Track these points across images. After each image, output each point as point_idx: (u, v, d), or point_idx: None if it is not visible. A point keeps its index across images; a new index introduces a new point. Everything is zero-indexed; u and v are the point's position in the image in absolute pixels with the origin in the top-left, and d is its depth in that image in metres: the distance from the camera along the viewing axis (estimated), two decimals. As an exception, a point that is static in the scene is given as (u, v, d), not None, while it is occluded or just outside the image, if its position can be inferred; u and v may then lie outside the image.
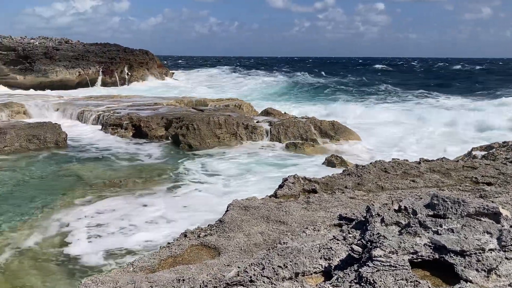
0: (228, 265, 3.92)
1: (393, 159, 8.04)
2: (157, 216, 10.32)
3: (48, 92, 39.44)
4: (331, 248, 3.23)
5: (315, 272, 3.12)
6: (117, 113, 22.22)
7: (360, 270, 2.62)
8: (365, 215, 3.47)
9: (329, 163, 15.00)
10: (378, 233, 2.91)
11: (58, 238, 9.19)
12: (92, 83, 49.26)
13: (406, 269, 2.55)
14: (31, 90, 42.12)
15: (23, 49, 46.42)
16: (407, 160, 7.90)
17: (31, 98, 28.11)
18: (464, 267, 2.55)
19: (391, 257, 2.63)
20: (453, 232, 2.78)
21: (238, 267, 3.28)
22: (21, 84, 44.72)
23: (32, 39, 52.85)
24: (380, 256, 2.64)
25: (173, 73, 66.41)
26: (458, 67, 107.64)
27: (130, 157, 16.69)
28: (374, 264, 2.60)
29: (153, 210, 10.72)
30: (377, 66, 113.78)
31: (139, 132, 20.29)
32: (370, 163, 7.64)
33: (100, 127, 21.74)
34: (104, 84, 49.96)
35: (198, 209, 10.84)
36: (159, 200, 11.61)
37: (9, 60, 45.82)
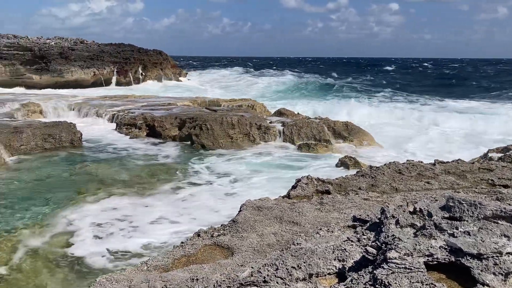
0: (241, 265, 3.93)
1: (407, 160, 7.98)
2: (166, 217, 10.38)
3: (63, 91, 39.91)
4: (345, 249, 3.22)
5: (329, 273, 3.11)
6: (132, 113, 22.39)
7: (374, 272, 2.61)
8: (379, 216, 3.45)
9: (342, 164, 14.93)
10: (393, 235, 2.89)
11: (67, 238, 9.27)
12: (107, 83, 49.78)
13: (422, 271, 2.53)
14: (47, 89, 42.69)
15: (39, 49, 47.05)
16: (421, 162, 7.83)
17: (47, 97, 28.45)
18: (481, 271, 2.52)
19: (406, 259, 2.61)
20: (470, 235, 2.75)
21: (252, 268, 3.28)
22: (37, 84, 45.36)
23: (48, 39, 53.54)
24: (395, 258, 2.62)
25: (187, 73, 66.76)
26: (470, 69, 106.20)
27: (143, 157, 16.80)
28: (389, 266, 2.58)
29: (161, 211, 10.76)
30: (388, 67, 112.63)
31: (153, 132, 20.42)
32: (384, 164, 7.59)
33: (114, 126, 21.93)
34: (118, 84, 50.46)
35: (205, 210, 10.87)
36: (167, 200, 11.68)
37: (25, 60, 46.49)
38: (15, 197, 11.82)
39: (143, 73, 53.75)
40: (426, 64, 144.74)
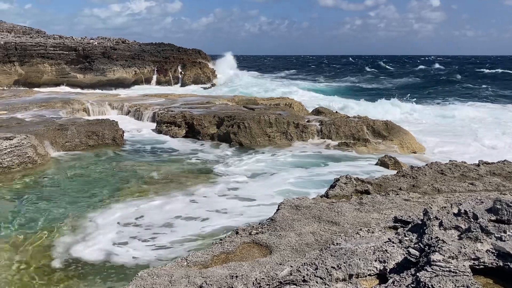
0: (280, 264, 3.93)
1: (450, 160, 7.76)
2: (200, 217, 10.48)
3: (106, 90, 41.14)
4: (386, 250, 3.16)
5: (370, 275, 3.07)
6: (171, 111, 22.76)
7: (417, 274, 2.55)
8: (422, 218, 3.37)
9: (382, 164, 14.65)
10: (437, 237, 2.82)
11: (98, 235, 9.43)
12: (147, 82, 50.93)
13: (467, 275, 2.46)
14: (90, 88, 44.14)
15: (83, 49, 48.61)
16: (465, 162, 7.59)
17: (91, 96, 29.36)
18: (531, 276, 2.43)
19: (451, 262, 2.54)
20: (519, 239, 2.65)
21: (291, 266, 3.28)
22: (81, 83, 46.94)
23: (92, 39, 55.23)
24: (439, 260, 2.56)
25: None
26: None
27: (182, 155, 17.05)
28: (432, 269, 2.52)
29: (194, 211, 10.86)
30: (423, 67, 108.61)
31: (192, 130, 20.69)
32: (426, 165, 7.42)
33: (154, 124, 22.37)
34: (158, 83, 51.56)
35: (242, 208, 10.89)
36: (201, 199, 11.76)
37: (70, 60, 48.14)
38: (56, 193, 12.23)
39: (183, 72, 54.57)
40: (468, 64, 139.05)
